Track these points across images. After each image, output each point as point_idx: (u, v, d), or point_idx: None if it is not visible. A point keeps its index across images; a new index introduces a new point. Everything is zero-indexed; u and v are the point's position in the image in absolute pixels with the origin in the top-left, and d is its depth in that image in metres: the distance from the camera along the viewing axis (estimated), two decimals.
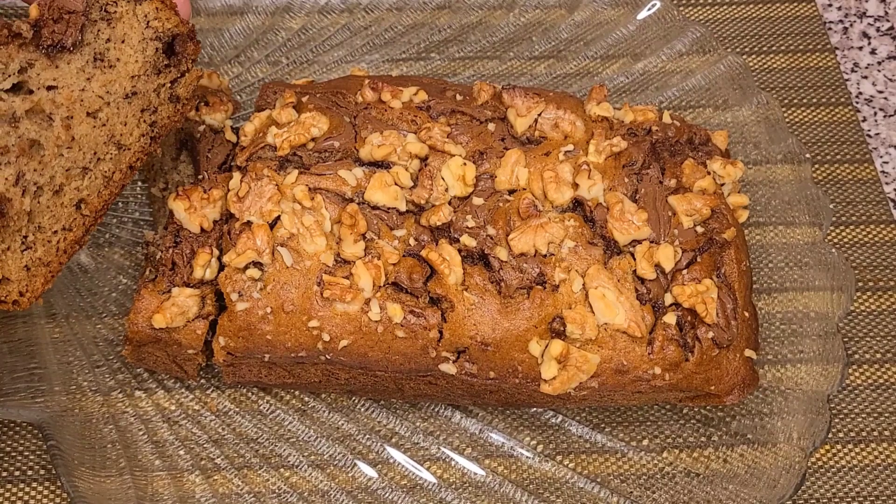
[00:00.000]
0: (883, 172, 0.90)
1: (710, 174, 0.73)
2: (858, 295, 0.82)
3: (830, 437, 0.75)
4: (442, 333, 0.66)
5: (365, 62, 0.92)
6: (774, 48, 0.97)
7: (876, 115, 0.94)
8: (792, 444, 0.70)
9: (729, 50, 0.93)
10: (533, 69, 0.93)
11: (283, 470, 0.72)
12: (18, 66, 0.56)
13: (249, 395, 0.75)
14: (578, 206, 0.70)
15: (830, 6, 1.02)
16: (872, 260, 0.84)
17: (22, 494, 0.70)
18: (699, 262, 0.69)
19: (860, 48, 0.98)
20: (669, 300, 0.68)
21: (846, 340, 0.80)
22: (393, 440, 0.73)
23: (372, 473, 0.72)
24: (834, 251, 0.77)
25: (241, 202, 0.68)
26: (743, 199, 0.74)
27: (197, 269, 0.68)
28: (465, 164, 0.70)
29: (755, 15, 0.99)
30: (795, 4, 1.00)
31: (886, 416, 0.76)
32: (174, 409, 0.74)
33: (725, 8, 0.99)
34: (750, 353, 0.69)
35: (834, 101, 0.93)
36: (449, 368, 0.66)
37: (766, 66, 0.96)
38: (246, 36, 0.92)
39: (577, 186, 0.70)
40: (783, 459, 0.70)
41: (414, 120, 0.73)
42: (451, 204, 0.69)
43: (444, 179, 0.70)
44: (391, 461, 0.72)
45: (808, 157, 0.82)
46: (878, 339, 0.80)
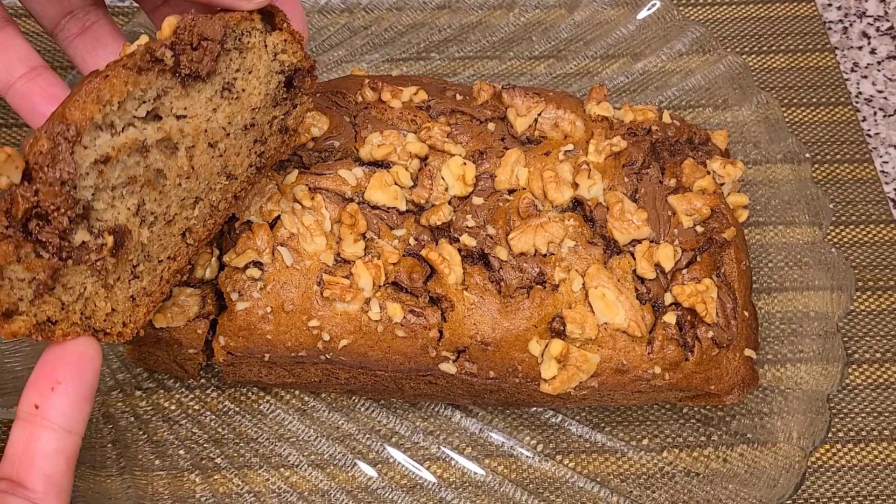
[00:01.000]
0: (883, 172, 0.90)
1: (709, 174, 0.73)
2: (858, 295, 0.82)
3: (830, 436, 0.75)
4: (442, 333, 0.66)
5: (365, 62, 0.92)
6: (774, 48, 0.97)
7: (876, 114, 0.94)
8: (792, 443, 0.70)
9: (729, 50, 0.93)
10: (533, 69, 0.93)
11: (283, 470, 0.72)
12: (155, 93, 0.54)
13: (249, 394, 0.75)
14: (578, 205, 0.70)
15: (830, 6, 1.02)
16: (872, 260, 0.84)
17: None
18: (699, 261, 0.69)
19: (860, 48, 0.98)
20: (669, 300, 0.68)
21: (846, 340, 0.80)
22: (393, 440, 0.73)
23: (372, 473, 0.72)
24: (834, 251, 0.77)
25: (240, 201, 0.68)
26: (743, 198, 0.75)
27: (197, 268, 0.68)
28: (465, 163, 0.70)
29: (755, 15, 0.99)
30: (795, 4, 1.00)
31: (886, 415, 0.76)
32: (174, 408, 0.74)
33: (725, 8, 1.00)
34: (750, 352, 0.69)
35: (834, 100, 0.93)
36: (449, 368, 0.66)
37: (766, 66, 0.96)
38: None
39: (576, 186, 0.70)
40: (783, 459, 0.70)
41: (414, 120, 0.73)
42: (451, 203, 0.69)
43: (444, 179, 0.70)
44: (391, 461, 0.72)
45: (807, 156, 0.82)
46: (878, 338, 0.80)
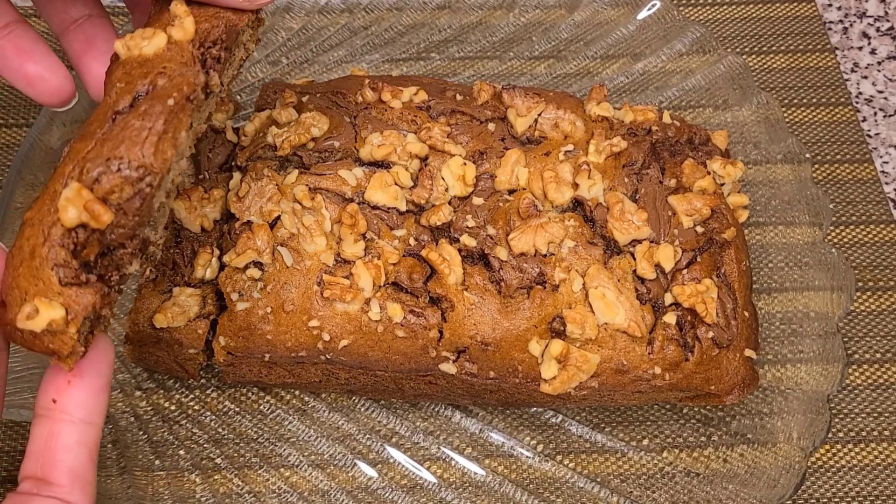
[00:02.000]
0: (883, 172, 0.90)
1: (710, 174, 0.73)
2: (858, 295, 0.82)
3: (830, 436, 0.75)
4: (442, 333, 0.66)
5: (365, 62, 0.92)
6: (774, 48, 0.97)
7: (876, 115, 0.94)
8: (792, 443, 0.70)
9: (729, 50, 0.93)
10: (533, 69, 0.93)
11: (283, 470, 0.72)
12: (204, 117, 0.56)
13: (249, 394, 0.75)
14: (578, 205, 0.70)
15: (830, 6, 1.02)
16: (872, 260, 0.84)
17: None
18: (699, 261, 0.69)
19: (860, 48, 0.98)
20: (669, 300, 0.68)
21: (846, 340, 0.80)
22: (393, 440, 0.73)
23: (372, 473, 0.72)
24: (834, 251, 0.77)
25: (241, 202, 0.68)
26: (743, 199, 0.75)
27: (198, 268, 0.68)
28: (465, 164, 0.70)
29: (755, 15, 0.99)
30: (795, 4, 1.00)
31: (886, 416, 0.76)
32: (174, 408, 0.74)
33: (725, 8, 1.00)
34: (750, 352, 0.69)
35: (834, 101, 0.93)
36: (449, 368, 0.66)
37: (766, 66, 0.96)
38: None
39: (577, 186, 0.70)
40: (783, 459, 0.70)
41: (414, 120, 0.73)
42: (451, 204, 0.69)
43: (444, 179, 0.70)
44: (391, 461, 0.72)
45: (808, 157, 0.82)
46: (878, 339, 0.80)
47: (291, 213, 0.67)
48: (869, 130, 0.92)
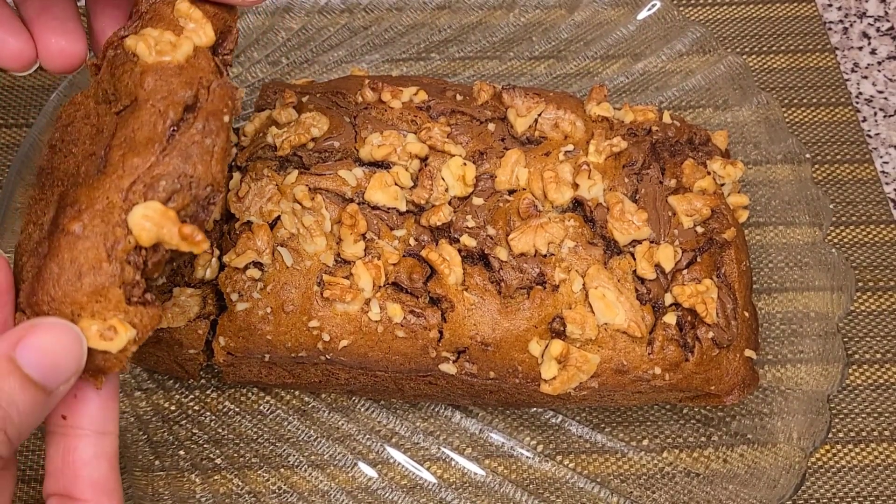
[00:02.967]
0: (883, 172, 0.90)
1: (710, 174, 0.73)
2: (858, 295, 0.82)
3: (830, 437, 0.75)
4: (442, 333, 0.66)
5: (365, 62, 0.92)
6: (774, 48, 0.97)
7: (876, 115, 0.94)
8: (792, 444, 0.70)
9: (729, 50, 0.93)
10: (533, 69, 0.93)
11: (283, 470, 0.72)
12: None
13: (249, 395, 0.75)
14: (578, 206, 0.70)
15: (830, 6, 1.02)
16: (872, 260, 0.84)
17: (22, 494, 0.70)
18: (699, 262, 0.69)
19: (860, 48, 0.98)
20: (669, 300, 0.68)
21: (846, 340, 0.80)
22: (393, 440, 0.73)
23: (372, 473, 0.72)
24: (834, 251, 0.77)
25: (241, 202, 0.68)
26: (743, 199, 0.74)
27: (198, 268, 0.68)
28: (465, 164, 0.70)
29: (755, 15, 0.99)
30: (795, 4, 1.00)
31: (886, 416, 0.76)
32: (174, 409, 0.74)
33: (725, 8, 1.00)
34: (750, 353, 0.69)
35: (834, 101, 0.93)
36: (449, 368, 0.66)
37: (766, 66, 0.96)
38: (246, 36, 0.92)
39: (577, 186, 0.70)
40: (783, 459, 0.70)
41: (414, 120, 0.73)
42: (451, 204, 0.69)
43: (444, 179, 0.70)
44: (391, 461, 0.72)
45: (808, 157, 0.82)
46: (878, 339, 0.80)
47: (291, 213, 0.67)
48: (869, 130, 0.92)
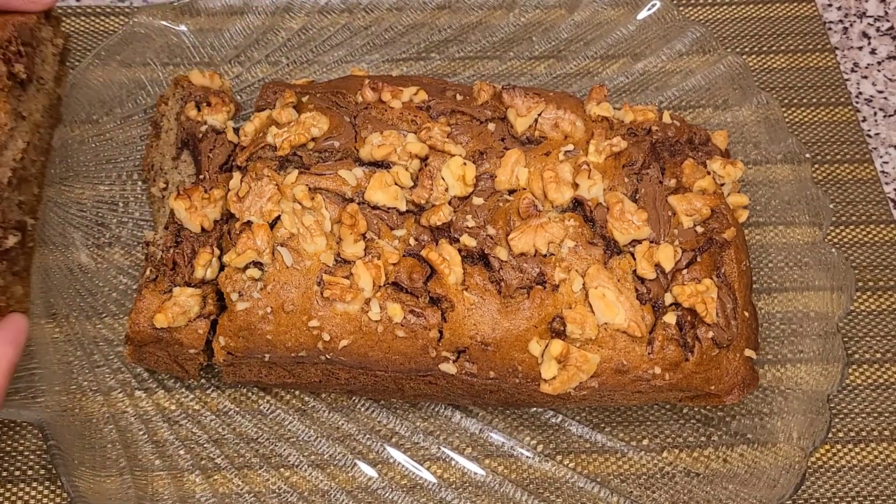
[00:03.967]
0: (883, 172, 0.90)
1: (710, 174, 0.73)
2: (858, 295, 0.82)
3: (830, 436, 0.75)
4: (442, 333, 0.66)
5: (365, 62, 0.92)
6: (774, 48, 0.97)
7: (876, 115, 0.94)
8: (792, 443, 0.70)
9: (729, 50, 0.93)
10: (533, 69, 0.93)
11: (283, 470, 0.72)
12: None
13: (249, 394, 0.75)
14: (578, 205, 0.70)
15: (830, 6, 1.02)
16: (872, 260, 0.84)
17: (22, 494, 0.70)
18: (699, 261, 0.69)
19: (860, 48, 0.98)
20: (669, 300, 0.68)
21: (846, 340, 0.80)
22: (393, 440, 0.73)
23: (372, 473, 0.72)
24: (834, 251, 0.77)
25: (241, 202, 0.68)
26: (743, 199, 0.75)
27: (198, 268, 0.68)
28: (465, 164, 0.70)
29: (755, 15, 0.99)
30: (795, 4, 1.00)
31: (886, 416, 0.76)
32: (174, 408, 0.74)
33: (725, 8, 1.00)
34: (750, 352, 0.69)
35: (834, 101, 0.93)
36: (449, 368, 0.66)
37: (766, 66, 0.96)
38: (246, 36, 0.92)
39: (577, 186, 0.70)
40: (783, 459, 0.70)
41: (414, 120, 0.73)
42: (451, 204, 0.69)
43: (444, 179, 0.70)
44: (391, 461, 0.72)
45: (808, 157, 0.82)
46: (878, 339, 0.80)
47: (291, 213, 0.67)
48: (869, 130, 0.92)
